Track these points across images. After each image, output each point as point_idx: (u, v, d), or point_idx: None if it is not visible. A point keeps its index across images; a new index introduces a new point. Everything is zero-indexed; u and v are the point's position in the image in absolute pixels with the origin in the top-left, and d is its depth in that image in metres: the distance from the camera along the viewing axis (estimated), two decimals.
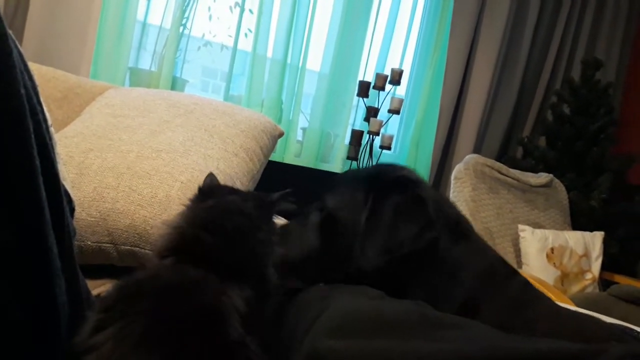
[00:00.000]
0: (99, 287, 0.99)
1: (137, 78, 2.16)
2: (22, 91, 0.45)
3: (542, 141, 2.86)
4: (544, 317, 0.70)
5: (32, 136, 0.46)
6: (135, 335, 0.45)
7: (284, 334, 0.64)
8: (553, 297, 1.51)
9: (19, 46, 0.48)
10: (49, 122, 0.55)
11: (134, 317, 0.46)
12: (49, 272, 0.49)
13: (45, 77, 1.55)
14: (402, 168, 0.84)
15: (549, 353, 0.44)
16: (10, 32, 0.47)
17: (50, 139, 0.51)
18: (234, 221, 0.62)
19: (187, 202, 0.69)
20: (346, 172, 0.99)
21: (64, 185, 0.55)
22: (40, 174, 0.46)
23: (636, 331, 0.99)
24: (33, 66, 1.52)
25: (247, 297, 0.54)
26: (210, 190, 0.71)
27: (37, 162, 0.46)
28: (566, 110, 2.77)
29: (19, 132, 0.44)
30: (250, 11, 2.30)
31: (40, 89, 0.52)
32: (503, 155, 2.89)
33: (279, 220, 0.73)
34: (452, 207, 0.81)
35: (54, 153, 0.51)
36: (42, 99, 0.52)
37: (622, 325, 1.02)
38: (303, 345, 0.55)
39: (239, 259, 0.59)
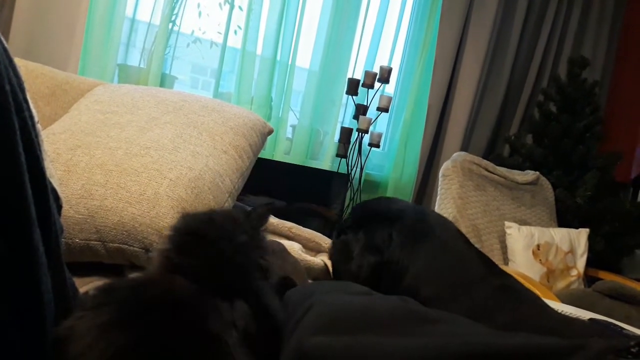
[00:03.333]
0: (87, 285, 0.98)
1: (126, 74, 2.15)
2: (7, 87, 0.45)
3: (528, 139, 2.88)
4: (515, 323, 0.70)
5: (18, 133, 0.46)
6: (103, 322, 0.45)
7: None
8: (539, 293, 1.53)
9: (4, 42, 0.48)
10: (36, 118, 0.55)
11: (104, 308, 0.46)
12: (34, 271, 0.49)
13: (33, 73, 1.54)
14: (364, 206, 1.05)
15: (530, 348, 0.45)
16: None
17: (37, 135, 0.51)
18: (211, 233, 0.60)
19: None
20: None
21: (51, 183, 0.55)
22: (26, 171, 0.46)
23: (620, 327, 1.01)
24: (20, 62, 1.51)
25: (240, 310, 0.53)
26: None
27: (23, 159, 0.46)
28: (553, 108, 2.79)
29: (4, 129, 0.44)
30: (240, 8, 2.30)
31: (27, 86, 0.52)
32: (490, 153, 2.92)
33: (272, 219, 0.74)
34: (406, 211, 0.91)
35: (40, 150, 0.51)
36: (29, 96, 0.52)
37: (607, 321, 1.04)
38: (290, 342, 0.56)
39: (218, 272, 0.56)
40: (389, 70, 2.42)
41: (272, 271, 0.66)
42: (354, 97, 2.45)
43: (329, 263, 1.23)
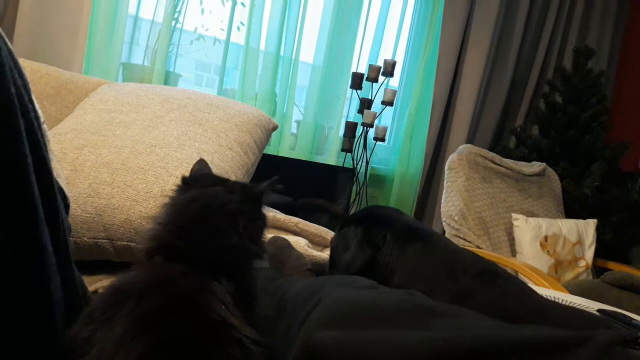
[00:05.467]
0: (96, 283, 0.99)
1: (130, 73, 2.15)
2: (12, 89, 0.45)
3: (534, 130, 2.87)
4: (494, 301, 0.74)
5: (24, 134, 0.46)
6: (117, 335, 0.47)
7: (281, 327, 0.65)
8: (547, 285, 1.53)
9: (8, 44, 0.48)
10: (42, 119, 0.55)
11: (117, 321, 0.48)
12: (43, 270, 0.49)
13: (38, 73, 1.54)
14: (371, 208, 1.17)
15: (538, 339, 0.45)
16: None
17: (43, 136, 0.52)
18: (212, 219, 0.62)
19: (171, 193, 0.68)
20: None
21: (58, 182, 0.56)
22: (33, 171, 0.47)
23: (629, 317, 1.01)
24: (25, 63, 1.52)
25: (230, 290, 0.55)
26: (195, 179, 0.71)
27: (30, 160, 0.46)
28: (558, 99, 2.77)
29: (10, 131, 0.45)
30: (243, 4, 2.29)
31: (32, 86, 0.52)
32: (496, 145, 2.90)
33: (271, 213, 0.75)
34: (403, 219, 1.00)
35: (46, 150, 0.52)
36: (34, 96, 0.52)
37: (615, 311, 1.04)
38: (299, 336, 0.56)
39: (216, 256, 0.59)
40: (393, 64, 2.41)
41: (265, 251, 0.69)
42: (358, 91, 2.44)
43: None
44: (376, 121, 2.45)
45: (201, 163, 0.77)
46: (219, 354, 0.49)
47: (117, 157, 1.11)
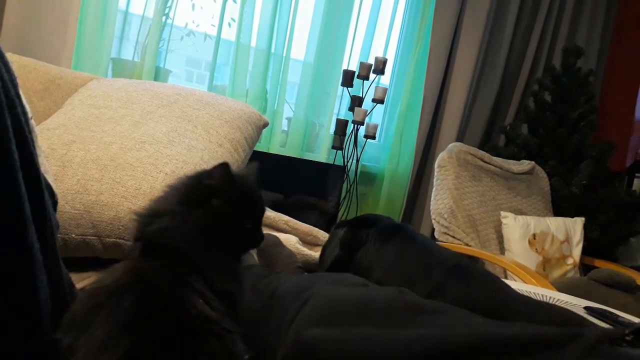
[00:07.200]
0: (84, 280, 0.98)
1: (120, 69, 2.14)
2: None
3: (524, 129, 2.88)
4: (465, 294, 0.78)
5: (10, 129, 0.45)
6: (99, 339, 0.47)
7: (271, 324, 0.64)
8: (535, 283, 1.54)
9: None
10: (30, 114, 0.54)
11: (97, 325, 0.48)
12: (30, 267, 0.49)
13: (26, 68, 1.52)
14: (365, 214, 1.23)
15: (527, 337, 0.45)
16: None
17: (30, 131, 0.51)
18: (177, 200, 0.63)
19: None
20: None
21: (45, 179, 0.55)
22: (20, 167, 0.46)
23: (615, 314, 1.02)
24: (13, 57, 1.50)
25: (208, 282, 0.56)
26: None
27: (16, 155, 0.46)
28: (548, 98, 2.79)
29: None
30: (234, 0, 2.28)
31: (20, 81, 0.51)
32: (486, 143, 2.92)
33: (269, 212, 0.74)
34: (389, 221, 1.10)
35: (34, 146, 0.51)
36: (22, 91, 0.52)
37: (602, 309, 1.05)
38: (289, 333, 0.56)
39: (191, 247, 0.59)
40: (384, 62, 2.41)
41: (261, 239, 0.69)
42: (349, 88, 2.44)
43: None
44: (367, 119, 2.45)
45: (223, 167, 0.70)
46: (199, 349, 0.49)
47: (106, 154, 1.10)
